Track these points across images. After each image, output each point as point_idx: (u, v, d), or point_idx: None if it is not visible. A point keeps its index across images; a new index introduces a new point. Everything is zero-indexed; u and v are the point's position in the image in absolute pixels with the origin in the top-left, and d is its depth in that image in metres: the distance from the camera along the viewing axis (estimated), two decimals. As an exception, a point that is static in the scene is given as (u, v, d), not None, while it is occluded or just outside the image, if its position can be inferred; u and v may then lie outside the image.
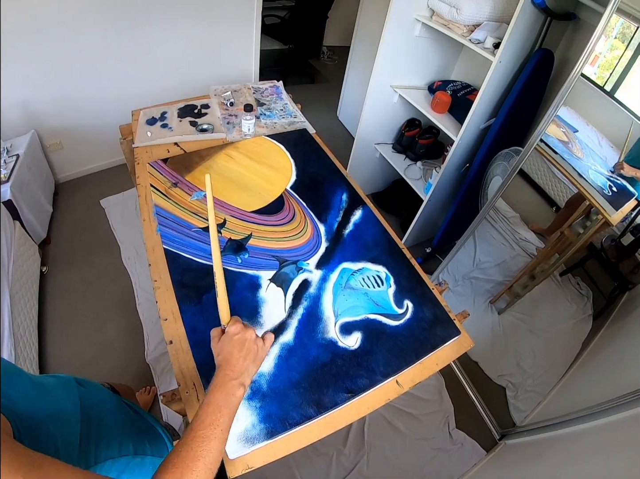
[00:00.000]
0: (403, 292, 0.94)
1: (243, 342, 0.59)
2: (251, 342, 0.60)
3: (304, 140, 1.35)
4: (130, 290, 1.89)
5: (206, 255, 0.92)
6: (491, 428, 1.64)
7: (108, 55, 2.05)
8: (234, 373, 0.56)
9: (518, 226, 1.78)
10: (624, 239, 1.39)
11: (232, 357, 0.57)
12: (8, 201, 1.66)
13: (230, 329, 0.60)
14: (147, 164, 1.13)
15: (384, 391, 0.77)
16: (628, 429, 1.00)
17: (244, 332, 0.60)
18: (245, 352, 0.58)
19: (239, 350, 0.58)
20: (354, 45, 2.97)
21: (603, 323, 1.46)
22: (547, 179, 1.58)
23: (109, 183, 2.42)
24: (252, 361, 0.59)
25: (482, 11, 1.51)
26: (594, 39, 1.06)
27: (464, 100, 1.81)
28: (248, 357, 0.58)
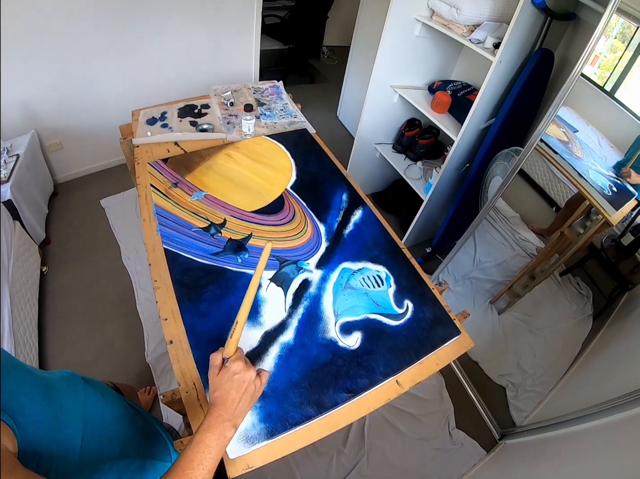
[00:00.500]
0: (403, 292, 0.94)
1: (242, 384, 0.57)
2: (250, 384, 0.58)
3: (304, 140, 1.35)
4: (130, 290, 1.89)
5: (206, 255, 0.92)
6: (491, 428, 1.64)
7: (108, 55, 2.05)
8: (228, 414, 0.54)
9: (518, 226, 1.78)
10: (624, 239, 1.39)
11: (228, 397, 0.55)
12: (8, 201, 1.66)
13: (232, 366, 0.57)
14: (147, 164, 1.13)
15: (384, 391, 0.77)
16: (628, 429, 1.00)
17: (245, 372, 0.57)
18: (242, 393, 0.56)
19: (236, 391, 0.56)
20: (354, 45, 2.97)
21: (603, 323, 1.46)
22: (547, 179, 1.58)
23: (109, 183, 2.42)
24: (248, 403, 0.57)
25: (482, 11, 1.51)
26: (594, 39, 1.06)
27: (464, 100, 1.81)
28: (244, 399, 0.56)
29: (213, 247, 0.94)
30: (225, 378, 0.57)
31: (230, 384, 0.56)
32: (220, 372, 0.58)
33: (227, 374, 0.57)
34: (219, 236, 0.97)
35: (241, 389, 0.56)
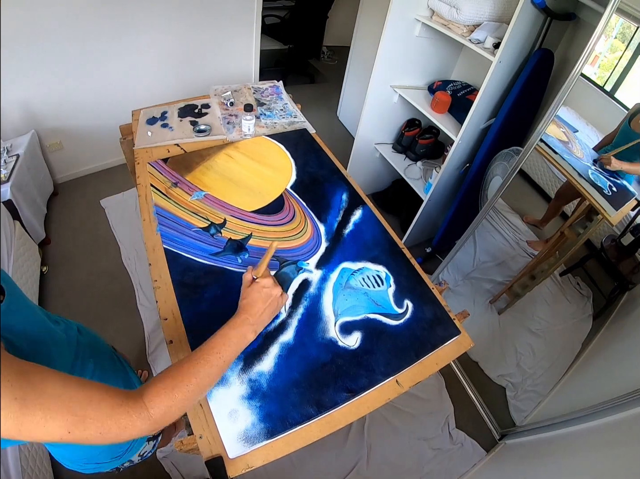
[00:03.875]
0: (403, 292, 0.94)
1: (269, 297, 0.65)
2: (275, 299, 0.66)
3: (304, 140, 1.35)
4: (131, 290, 1.89)
5: (206, 255, 0.92)
6: (491, 428, 1.64)
7: (108, 55, 2.06)
8: (253, 319, 0.62)
9: (518, 226, 1.78)
10: (624, 239, 1.38)
11: (255, 305, 0.63)
12: (8, 200, 1.66)
13: (263, 280, 0.66)
14: (147, 164, 1.13)
15: (384, 391, 0.77)
16: (628, 429, 1.00)
17: (272, 288, 0.66)
18: (267, 305, 0.64)
19: (263, 302, 0.64)
20: (354, 45, 2.98)
21: (603, 323, 1.45)
22: (547, 179, 1.58)
23: (109, 183, 2.42)
24: (269, 314, 0.66)
25: (482, 11, 1.51)
26: (594, 39, 1.06)
27: (464, 100, 1.81)
28: (267, 311, 0.65)
29: (213, 247, 0.94)
30: (255, 289, 0.65)
31: (259, 295, 0.64)
32: (252, 284, 0.66)
33: (257, 286, 0.65)
34: (219, 236, 0.97)
35: (267, 301, 0.65)
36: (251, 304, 0.63)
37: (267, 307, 0.65)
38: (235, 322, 0.61)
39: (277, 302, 0.67)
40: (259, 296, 0.64)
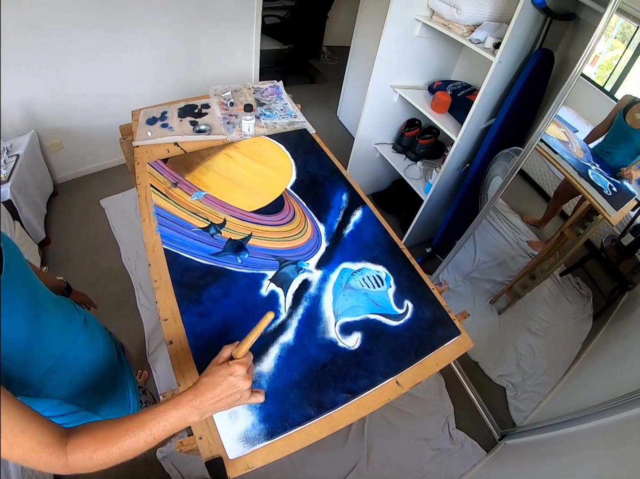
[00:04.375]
0: (403, 293, 0.94)
1: (232, 388, 0.56)
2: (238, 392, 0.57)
3: (304, 140, 1.35)
4: (131, 290, 1.89)
5: (206, 255, 0.92)
6: (491, 428, 1.64)
7: (108, 55, 2.05)
8: (203, 404, 0.54)
9: (518, 226, 1.78)
10: (624, 239, 1.38)
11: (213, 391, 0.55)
12: (8, 201, 1.66)
13: (234, 367, 0.57)
14: (147, 164, 1.13)
15: (384, 391, 0.77)
16: (628, 429, 1.00)
17: (240, 380, 0.56)
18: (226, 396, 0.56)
19: (222, 390, 0.55)
20: (354, 45, 2.97)
21: (603, 323, 1.45)
22: (547, 179, 1.58)
23: (109, 183, 2.42)
24: (224, 406, 0.57)
25: (482, 11, 1.51)
26: (594, 39, 1.06)
27: (464, 100, 1.81)
28: (223, 402, 0.56)
29: (213, 247, 0.94)
30: (221, 373, 0.56)
31: (222, 380, 0.56)
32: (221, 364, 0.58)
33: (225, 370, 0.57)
34: (219, 236, 0.97)
35: (228, 391, 0.56)
36: (209, 387, 0.55)
37: (226, 398, 0.55)
38: (181, 402, 0.53)
39: (239, 396, 0.57)
40: (220, 382, 0.55)
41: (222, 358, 0.59)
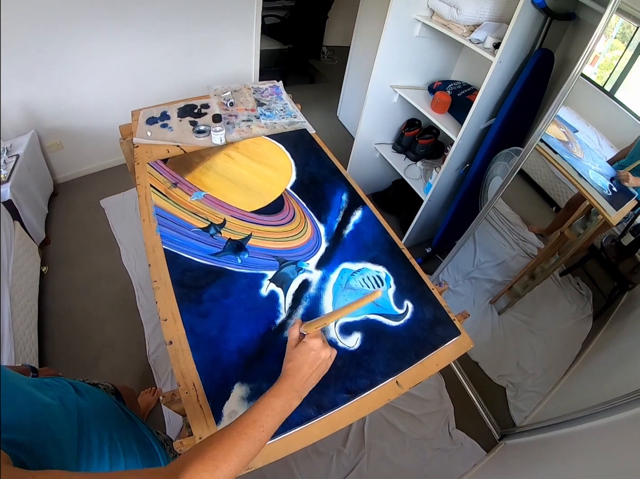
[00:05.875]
0: (403, 293, 0.94)
1: (317, 360, 0.59)
2: (323, 362, 0.60)
3: (304, 140, 1.35)
4: (131, 290, 1.89)
5: (206, 255, 0.92)
6: (491, 428, 1.64)
7: (108, 55, 2.06)
8: (298, 385, 0.57)
9: (518, 226, 1.78)
10: (624, 239, 1.38)
11: (302, 370, 0.58)
12: (8, 201, 1.66)
13: (311, 341, 0.60)
14: (147, 164, 1.13)
15: (384, 392, 0.77)
16: (628, 429, 1.00)
17: (320, 350, 0.60)
18: (315, 370, 0.59)
19: (309, 366, 0.58)
20: (354, 45, 2.97)
21: (603, 323, 1.45)
22: (547, 179, 1.58)
23: (109, 183, 2.42)
24: (316, 378, 0.60)
25: (482, 11, 1.51)
26: (594, 39, 1.06)
27: (464, 100, 1.81)
28: (314, 375, 0.59)
29: (213, 247, 0.94)
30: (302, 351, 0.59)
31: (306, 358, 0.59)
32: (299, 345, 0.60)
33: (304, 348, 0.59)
34: (219, 236, 0.97)
35: (314, 365, 0.59)
36: (297, 368, 0.58)
37: (315, 371, 0.59)
38: (280, 390, 0.55)
39: (325, 365, 0.61)
40: (305, 360, 0.59)
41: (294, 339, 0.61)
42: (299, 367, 0.58)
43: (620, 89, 1.27)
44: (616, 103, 1.28)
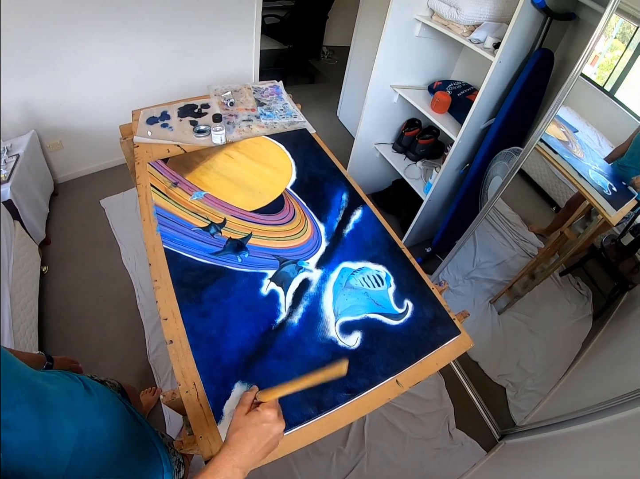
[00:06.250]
0: (403, 292, 0.94)
1: (268, 435, 0.53)
2: (275, 438, 0.54)
3: (304, 140, 1.35)
4: (131, 290, 1.89)
5: (206, 254, 0.92)
6: (491, 428, 1.64)
7: (108, 55, 2.06)
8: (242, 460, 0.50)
9: (518, 226, 1.78)
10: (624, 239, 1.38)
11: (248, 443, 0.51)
12: (8, 201, 1.66)
13: (266, 412, 0.54)
14: (147, 164, 1.13)
15: (384, 391, 0.77)
16: (628, 429, 1.00)
17: (274, 424, 0.53)
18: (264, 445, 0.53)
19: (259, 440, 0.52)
20: (354, 45, 2.98)
21: (603, 323, 1.45)
22: (547, 179, 1.58)
23: (109, 183, 2.42)
24: (263, 454, 0.53)
25: (482, 11, 1.51)
26: (594, 39, 1.06)
27: (464, 100, 1.81)
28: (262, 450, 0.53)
29: (213, 246, 0.94)
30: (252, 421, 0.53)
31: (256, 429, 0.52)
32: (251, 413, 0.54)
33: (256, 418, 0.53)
34: (219, 235, 0.97)
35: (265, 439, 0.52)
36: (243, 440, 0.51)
37: (264, 446, 0.52)
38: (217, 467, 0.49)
39: (275, 441, 0.54)
40: (255, 431, 0.52)
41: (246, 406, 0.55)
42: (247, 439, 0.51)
43: (620, 89, 1.27)
44: (616, 103, 1.28)
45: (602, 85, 1.29)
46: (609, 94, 1.29)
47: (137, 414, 0.76)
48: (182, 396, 0.69)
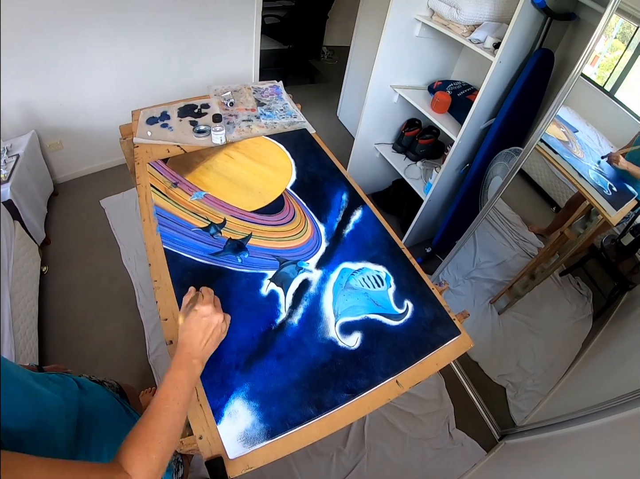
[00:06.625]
0: (403, 292, 0.94)
1: (209, 326, 0.61)
2: (217, 327, 0.63)
3: (304, 140, 1.35)
4: (131, 290, 1.89)
5: (206, 255, 0.92)
6: (491, 428, 1.64)
7: (108, 55, 2.06)
8: (196, 352, 0.59)
9: (518, 226, 1.78)
10: (624, 239, 1.38)
11: (196, 338, 0.60)
12: (8, 201, 1.66)
13: (201, 308, 0.62)
14: (147, 164, 1.13)
15: (384, 391, 0.77)
16: (628, 429, 1.00)
17: (212, 316, 0.62)
18: (209, 335, 0.61)
19: (203, 333, 0.61)
20: (354, 45, 2.97)
21: (603, 323, 1.45)
22: (547, 179, 1.58)
23: (109, 183, 2.42)
24: (213, 344, 0.63)
25: (482, 11, 1.51)
26: (594, 39, 1.06)
27: (464, 100, 1.81)
28: (210, 341, 0.62)
29: (213, 247, 0.94)
30: (194, 320, 0.61)
31: (198, 326, 0.61)
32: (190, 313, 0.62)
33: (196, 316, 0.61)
34: (219, 235, 0.97)
35: (208, 331, 0.61)
36: (191, 337, 0.60)
37: (211, 337, 0.62)
38: (181, 361, 0.58)
39: (220, 330, 0.64)
40: (198, 327, 0.61)
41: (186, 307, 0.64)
42: (194, 335, 0.60)
43: (620, 89, 1.27)
44: (616, 103, 1.28)
45: (602, 85, 1.29)
46: (609, 94, 1.29)
47: (135, 414, 0.77)
48: (182, 396, 0.69)
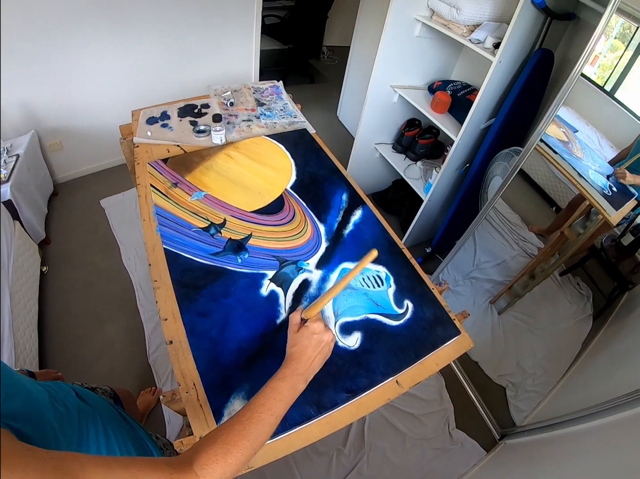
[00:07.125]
0: (403, 292, 0.94)
1: (320, 343, 0.61)
2: (326, 345, 0.62)
3: (304, 140, 1.35)
4: (131, 290, 1.89)
5: (206, 255, 0.92)
6: (491, 428, 1.64)
7: (108, 55, 2.06)
8: (303, 368, 0.58)
9: (518, 226, 1.78)
10: (624, 239, 1.38)
11: (305, 353, 0.60)
12: (8, 201, 1.66)
13: (313, 325, 0.62)
14: (147, 164, 1.13)
15: (384, 391, 0.77)
16: (628, 429, 1.00)
17: (323, 334, 0.62)
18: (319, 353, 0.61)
19: (313, 349, 0.60)
20: (354, 45, 2.98)
21: (603, 323, 1.45)
22: (547, 179, 1.58)
23: (109, 183, 2.42)
24: (320, 362, 0.61)
25: (482, 11, 1.51)
26: (594, 39, 1.06)
27: (464, 100, 1.81)
28: (318, 358, 0.61)
29: (213, 247, 0.94)
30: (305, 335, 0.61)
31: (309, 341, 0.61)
32: (301, 329, 0.62)
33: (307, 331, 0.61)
34: (219, 236, 0.97)
35: (318, 348, 0.61)
36: (301, 352, 0.60)
37: (319, 354, 0.61)
38: (285, 374, 0.57)
39: (328, 348, 0.63)
40: (309, 343, 0.60)
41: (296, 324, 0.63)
42: (303, 350, 0.60)
43: (620, 89, 1.27)
44: (616, 103, 1.28)
45: (602, 85, 1.29)
46: (609, 94, 1.29)
47: (129, 418, 0.76)
48: (182, 396, 0.69)
